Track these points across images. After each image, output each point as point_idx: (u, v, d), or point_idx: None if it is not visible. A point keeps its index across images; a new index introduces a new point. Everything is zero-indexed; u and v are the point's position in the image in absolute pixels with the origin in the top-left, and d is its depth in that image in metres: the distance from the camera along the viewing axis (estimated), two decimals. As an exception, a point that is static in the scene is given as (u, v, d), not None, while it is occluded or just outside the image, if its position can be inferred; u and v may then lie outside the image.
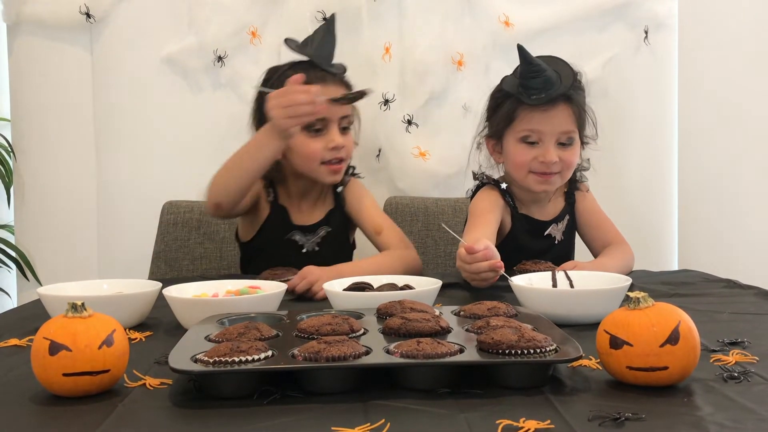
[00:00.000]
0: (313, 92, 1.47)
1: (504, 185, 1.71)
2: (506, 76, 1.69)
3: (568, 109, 1.64)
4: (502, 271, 1.34)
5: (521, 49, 1.60)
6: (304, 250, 1.72)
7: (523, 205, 1.72)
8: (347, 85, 1.71)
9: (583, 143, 1.71)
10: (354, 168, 1.81)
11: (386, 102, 2.14)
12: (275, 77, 1.70)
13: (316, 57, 1.68)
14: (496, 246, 1.44)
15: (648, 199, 2.27)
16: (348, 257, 1.81)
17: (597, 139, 1.74)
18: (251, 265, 1.77)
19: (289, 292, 1.43)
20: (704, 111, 2.40)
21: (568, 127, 1.64)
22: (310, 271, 1.46)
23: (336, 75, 1.70)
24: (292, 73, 1.60)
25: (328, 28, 1.71)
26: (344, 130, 1.68)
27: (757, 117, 2.42)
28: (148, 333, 1.16)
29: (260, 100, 1.68)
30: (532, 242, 1.70)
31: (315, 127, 1.64)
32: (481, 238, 1.43)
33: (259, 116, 1.68)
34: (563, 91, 1.61)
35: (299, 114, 1.48)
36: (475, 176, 1.78)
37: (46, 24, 2.12)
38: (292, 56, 2.15)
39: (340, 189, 1.77)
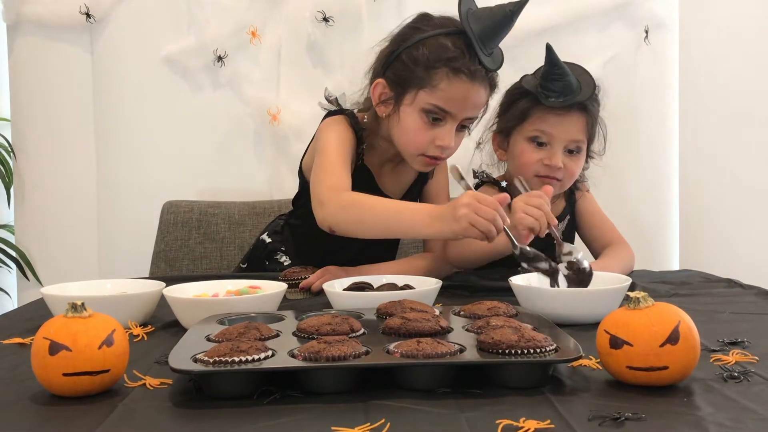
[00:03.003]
0: (507, 223, 1.28)
1: (504, 183, 1.71)
2: (526, 75, 1.68)
3: (581, 118, 1.64)
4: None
5: (549, 49, 1.60)
6: None
7: None
8: (492, 86, 1.54)
9: (588, 156, 1.71)
10: None
11: (386, 102, 2.14)
12: (428, 35, 1.49)
13: (478, 38, 1.46)
14: None
15: (649, 198, 2.27)
16: (396, 243, 1.73)
17: (603, 155, 1.74)
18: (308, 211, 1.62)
19: (306, 290, 1.44)
20: (705, 110, 2.41)
21: (579, 136, 1.64)
22: (329, 270, 1.45)
23: (489, 71, 1.50)
24: (444, 40, 1.46)
25: (511, 14, 1.47)
26: (462, 128, 1.54)
27: (758, 116, 2.43)
28: (149, 329, 1.16)
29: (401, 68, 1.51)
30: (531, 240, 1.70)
31: (435, 116, 1.49)
32: None
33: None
34: (582, 99, 1.61)
35: (486, 230, 1.26)
36: (475, 174, 1.78)
37: (46, 24, 2.12)
38: (292, 57, 2.17)
39: None
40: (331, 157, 1.52)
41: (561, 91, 1.60)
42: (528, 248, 1.28)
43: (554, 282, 1.28)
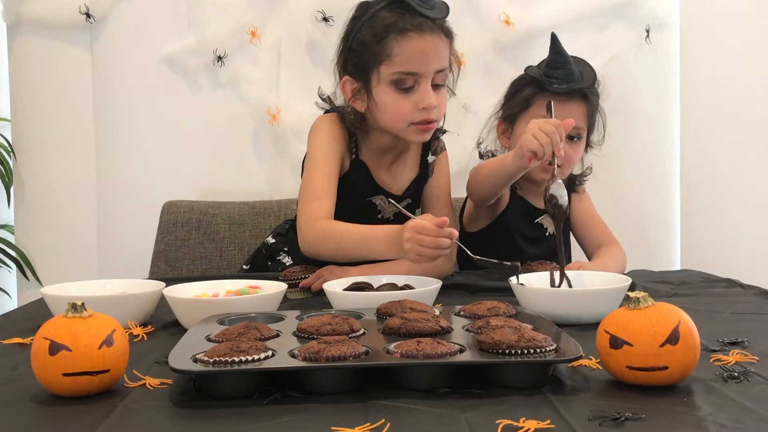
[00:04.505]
0: (454, 237, 1.30)
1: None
2: (530, 66, 1.73)
3: (582, 106, 1.68)
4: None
5: (554, 38, 1.64)
6: (379, 216, 1.65)
7: (521, 189, 1.76)
8: (447, 33, 1.54)
9: (588, 145, 1.73)
10: (445, 131, 1.72)
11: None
12: (368, 16, 1.52)
13: None
14: (487, 225, 1.55)
15: (650, 198, 2.27)
16: None
17: (601, 145, 1.76)
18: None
19: (305, 290, 1.44)
20: (706, 109, 2.40)
21: (579, 123, 1.68)
22: (330, 271, 1.46)
23: (435, 20, 1.50)
24: (383, 13, 1.49)
25: None
26: (437, 87, 1.54)
27: (759, 115, 2.42)
28: (149, 329, 1.16)
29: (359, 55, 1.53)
30: (522, 226, 1.72)
31: (406, 85, 1.50)
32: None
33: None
34: (583, 86, 1.66)
35: (434, 256, 1.31)
36: (480, 155, 1.80)
37: (46, 24, 2.12)
38: (292, 56, 2.17)
39: (431, 159, 1.68)
40: (314, 175, 1.55)
41: (564, 78, 1.64)
42: (484, 258, 1.30)
43: (552, 282, 1.29)
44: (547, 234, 1.75)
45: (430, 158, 1.68)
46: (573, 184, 1.79)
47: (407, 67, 1.49)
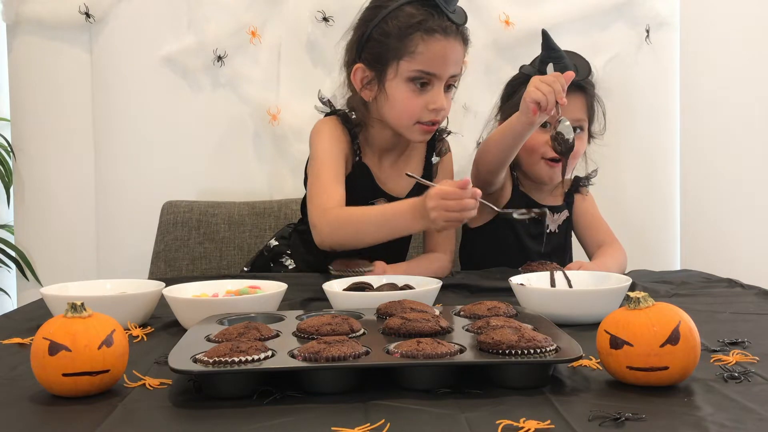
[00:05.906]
0: (478, 196, 1.33)
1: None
2: (524, 65, 1.73)
3: (580, 99, 1.69)
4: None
5: (545, 34, 1.64)
6: None
7: (523, 186, 1.77)
8: (465, 41, 1.57)
9: (590, 136, 1.74)
10: (450, 132, 1.72)
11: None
12: (392, 8, 1.53)
13: None
14: (490, 220, 1.60)
15: (650, 198, 2.27)
16: (407, 242, 1.73)
17: (604, 134, 1.77)
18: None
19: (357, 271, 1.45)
20: (706, 109, 2.40)
21: (580, 115, 1.69)
22: (380, 266, 1.47)
23: (459, 26, 1.54)
24: (409, 8, 1.51)
25: None
26: (448, 89, 1.57)
27: (759, 116, 2.42)
28: (149, 329, 1.16)
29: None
30: (524, 222, 1.72)
31: (422, 81, 1.53)
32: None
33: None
34: (579, 78, 1.66)
35: (462, 219, 1.35)
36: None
37: (46, 24, 2.12)
38: (292, 56, 2.17)
39: (435, 160, 1.68)
40: (320, 172, 1.55)
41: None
42: (507, 210, 1.40)
43: (552, 282, 1.29)
44: (548, 231, 1.75)
45: (434, 159, 1.68)
46: (578, 185, 1.80)
47: (427, 67, 1.51)
